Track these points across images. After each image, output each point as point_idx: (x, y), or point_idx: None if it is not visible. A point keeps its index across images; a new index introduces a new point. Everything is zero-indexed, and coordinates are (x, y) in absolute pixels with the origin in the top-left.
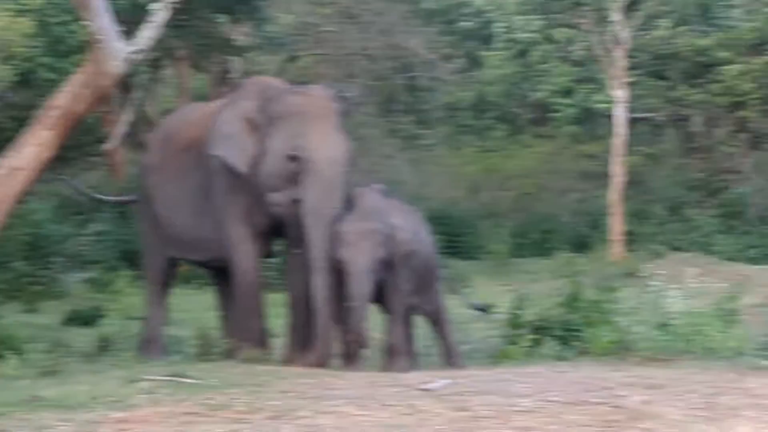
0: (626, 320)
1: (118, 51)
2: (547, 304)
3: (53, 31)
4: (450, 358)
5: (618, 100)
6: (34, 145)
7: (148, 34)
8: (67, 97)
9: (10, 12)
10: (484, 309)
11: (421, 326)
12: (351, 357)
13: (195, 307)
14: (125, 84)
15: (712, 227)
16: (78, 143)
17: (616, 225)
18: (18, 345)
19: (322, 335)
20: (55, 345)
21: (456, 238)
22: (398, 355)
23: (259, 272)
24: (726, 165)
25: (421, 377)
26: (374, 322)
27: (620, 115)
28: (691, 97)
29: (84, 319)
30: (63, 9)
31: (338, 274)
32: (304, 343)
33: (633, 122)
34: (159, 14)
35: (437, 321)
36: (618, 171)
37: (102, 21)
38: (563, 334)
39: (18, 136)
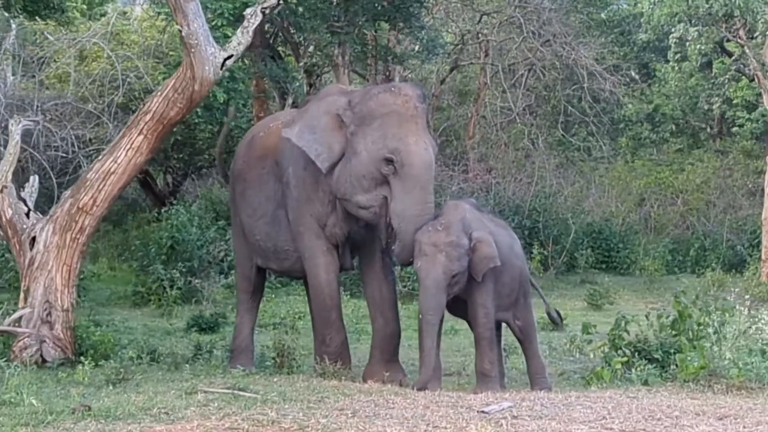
0: (728, 346)
1: (212, 56)
2: (655, 325)
3: None
4: (535, 377)
5: None
6: (128, 149)
7: (240, 39)
8: (160, 102)
9: (165, 15)
10: (557, 322)
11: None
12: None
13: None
14: (282, 90)
15: None
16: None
17: None
18: (109, 351)
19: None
20: (143, 352)
21: (610, 252)
22: (488, 379)
23: (336, 285)
24: None
25: (486, 398)
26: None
27: None
28: None
29: (207, 325)
30: (218, 14)
31: None
32: (388, 355)
33: None
34: (251, 20)
35: (525, 338)
36: None
37: (195, 25)
38: (662, 358)
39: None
